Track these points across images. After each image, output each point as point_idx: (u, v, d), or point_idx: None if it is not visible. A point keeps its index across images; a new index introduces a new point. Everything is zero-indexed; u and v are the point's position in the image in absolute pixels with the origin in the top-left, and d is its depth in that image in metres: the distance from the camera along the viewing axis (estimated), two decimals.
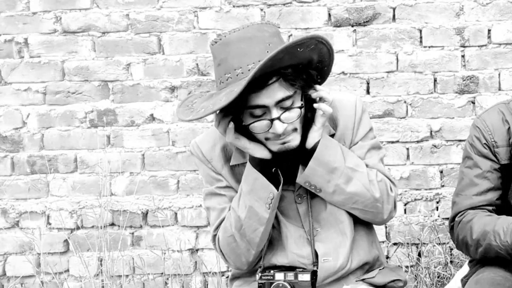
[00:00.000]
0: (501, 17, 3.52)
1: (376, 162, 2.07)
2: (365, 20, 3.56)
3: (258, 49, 1.82)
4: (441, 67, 3.56)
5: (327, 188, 1.97)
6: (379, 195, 2.01)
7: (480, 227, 2.12)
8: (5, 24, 3.65)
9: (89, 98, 3.66)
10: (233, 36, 1.85)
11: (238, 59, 1.83)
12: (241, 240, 2.00)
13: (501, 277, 2.07)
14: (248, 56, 1.82)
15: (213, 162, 2.05)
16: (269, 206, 1.95)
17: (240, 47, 1.83)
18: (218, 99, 1.83)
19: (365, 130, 2.07)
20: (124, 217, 3.63)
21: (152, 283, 3.68)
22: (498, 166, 2.20)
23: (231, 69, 1.84)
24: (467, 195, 2.22)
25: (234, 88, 1.79)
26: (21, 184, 3.69)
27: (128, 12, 3.62)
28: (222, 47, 1.86)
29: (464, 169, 2.27)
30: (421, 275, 3.48)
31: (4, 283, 3.71)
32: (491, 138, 2.21)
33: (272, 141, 1.92)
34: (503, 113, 2.24)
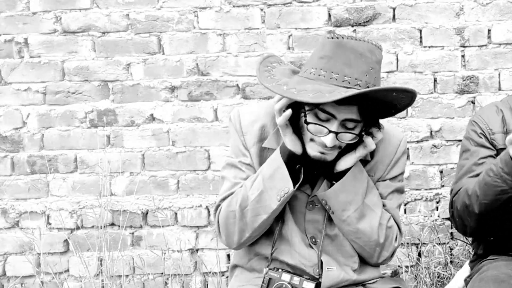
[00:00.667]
0: (501, 17, 3.52)
1: (394, 207, 2.12)
2: (365, 20, 3.56)
3: (360, 69, 1.87)
4: (441, 67, 3.56)
5: (339, 215, 2.01)
6: (383, 240, 2.06)
7: (473, 183, 2.17)
8: (5, 24, 3.65)
9: (89, 98, 3.66)
10: (349, 43, 1.89)
11: (341, 66, 1.87)
12: (240, 219, 2.01)
13: (505, 274, 2.08)
14: (350, 69, 1.87)
15: (247, 136, 2.07)
16: (280, 198, 1.97)
17: (349, 57, 1.88)
18: (303, 88, 1.86)
19: (398, 171, 2.12)
20: (124, 217, 3.63)
21: (152, 283, 3.68)
22: (494, 152, 2.25)
23: (328, 70, 1.88)
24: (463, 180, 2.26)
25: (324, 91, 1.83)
26: (21, 184, 3.69)
27: (128, 12, 3.62)
28: (336, 46, 1.90)
29: (461, 161, 2.32)
30: (421, 275, 3.48)
31: (4, 283, 3.71)
32: (487, 127, 2.28)
33: (315, 145, 1.95)
34: (497, 106, 2.34)
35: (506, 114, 2.31)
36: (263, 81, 1.95)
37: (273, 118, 2.05)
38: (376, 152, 2.06)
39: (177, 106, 3.64)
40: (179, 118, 3.64)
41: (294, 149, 1.96)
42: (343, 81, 1.86)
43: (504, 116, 2.29)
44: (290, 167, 1.96)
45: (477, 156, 2.27)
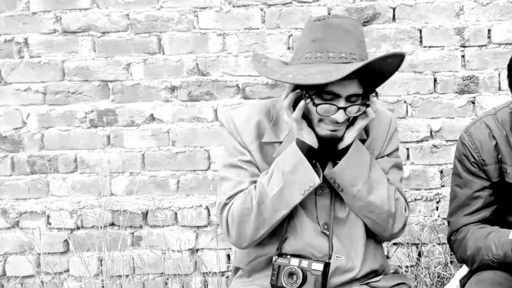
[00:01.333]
0: (501, 17, 3.52)
1: (397, 180, 2.16)
2: (365, 20, 3.56)
3: (352, 43, 1.95)
4: (441, 67, 3.56)
5: (349, 191, 2.03)
6: (394, 210, 2.07)
7: (473, 243, 2.14)
8: (5, 24, 3.65)
9: (89, 98, 3.66)
10: (335, 21, 1.96)
11: (334, 44, 1.94)
12: (257, 216, 2.01)
13: (502, 277, 2.08)
14: (343, 45, 1.94)
15: (243, 135, 2.08)
16: (304, 192, 1.98)
17: (339, 34, 1.94)
18: (309, 73, 1.89)
19: (394, 147, 2.16)
20: (124, 217, 3.63)
21: (152, 283, 3.68)
22: (489, 183, 2.18)
23: (324, 50, 1.94)
24: (460, 216, 2.22)
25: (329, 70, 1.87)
26: (21, 184, 3.69)
27: (128, 12, 3.62)
28: (323, 26, 1.96)
29: (454, 187, 2.25)
30: (421, 275, 3.48)
31: (4, 283, 3.71)
32: (479, 157, 2.18)
33: (325, 125, 1.99)
34: (490, 128, 2.19)
35: (500, 141, 2.18)
36: (268, 74, 1.99)
37: (267, 114, 2.09)
38: (370, 130, 2.13)
39: (177, 106, 3.64)
40: (179, 118, 3.64)
41: (312, 143, 1.99)
42: (340, 57, 1.93)
43: (498, 144, 2.17)
44: (309, 161, 1.99)
45: (471, 188, 2.19)
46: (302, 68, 1.93)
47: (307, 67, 1.93)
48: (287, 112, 1.99)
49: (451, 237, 2.27)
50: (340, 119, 1.95)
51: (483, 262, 2.11)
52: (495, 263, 2.08)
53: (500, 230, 2.12)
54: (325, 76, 1.86)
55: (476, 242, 2.12)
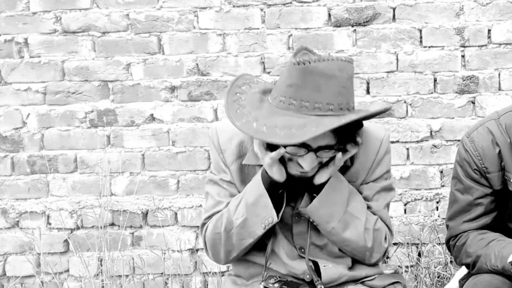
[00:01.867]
0: (501, 17, 3.52)
1: (381, 208, 2.06)
2: (365, 20, 3.56)
3: (332, 91, 1.81)
4: (441, 67, 3.56)
5: (324, 227, 1.99)
6: (370, 244, 2.02)
7: (474, 251, 2.12)
8: (5, 24, 3.65)
9: (89, 98, 3.66)
10: (317, 67, 1.80)
11: (310, 93, 1.80)
12: (226, 241, 2.01)
13: (499, 280, 2.07)
14: (320, 94, 1.80)
15: (225, 153, 2.04)
16: (264, 227, 1.95)
17: (318, 81, 1.80)
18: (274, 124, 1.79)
19: (382, 171, 2.05)
20: (124, 217, 3.63)
21: (152, 283, 3.68)
22: (491, 191, 2.14)
23: (298, 98, 1.81)
24: (459, 221, 2.19)
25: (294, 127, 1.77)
26: (21, 184, 3.69)
27: (128, 12, 3.62)
28: (303, 73, 1.81)
29: (454, 191, 2.21)
30: (421, 275, 3.48)
31: (4, 283, 3.71)
32: (482, 164, 2.13)
33: (295, 166, 1.91)
34: (493, 134, 2.12)
35: (503, 148, 2.11)
36: (233, 118, 1.86)
37: None
38: (356, 157, 2.01)
39: (177, 106, 3.64)
40: (179, 118, 3.64)
41: (278, 178, 1.92)
42: (314, 108, 1.80)
43: (501, 151, 2.11)
44: (273, 193, 1.94)
45: (472, 194, 2.15)
46: (272, 114, 1.82)
47: (277, 114, 1.82)
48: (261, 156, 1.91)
49: (450, 241, 2.25)
50: (307, 167, 1.86)
51: (481, 270, 2.10)
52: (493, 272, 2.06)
53: (502, 239, 2.09)
54: (286, 135, 1.76)
55: (476, 250, 2.11)
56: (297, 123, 1.78)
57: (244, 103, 1.90)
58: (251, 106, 1.89)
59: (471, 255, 2.12)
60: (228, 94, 1.92)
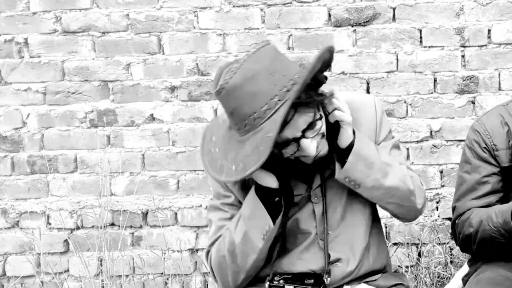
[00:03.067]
0: (501, 17, 3.52)
1: (402, 160, 2.08)
2: (365, 20, 3.56)
3: (264, 88, 1.73)
4: (441, 67, 3.56)
5: (366, 183, 1.94)
6: (413, 187, 2.01)
7: (477, 219, 2.15)
8: (5, 24, 3.65)
9: (89, 98, 3.66)
10: (234, 81, 1.73)
11: (249, 105, 1.73)
12: (232, 262, 1.97)
13: (502, 276, 2.08)
14: (258, 99, 1.72)
15: None
16: (263, 236, 1.92)
17: (246, 92, 1.72)
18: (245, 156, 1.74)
19: (386, 130, 2.07)
20: (124, 217, 3.63)
21: (152, 283, 3.68)
22: (498, 169, 2.20)
23: (246, 117, 1.74)
24: (467, 200, 2.23)
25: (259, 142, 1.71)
26: (21, 184, 3.69)
27: (128, 12, 3.62)
28: (229, 96, 1.75)
29: (462, 173, 2.26)
30: (421, 275, 3.48)
31: (4, 283, 3.71)
32: (491, 142, 2.20)
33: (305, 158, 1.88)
34: (502, 116, 2.23)
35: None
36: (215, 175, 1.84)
37: None
38: (359, 122, 1.99)
39: (177, 106, 3.64)
40: (179, 118, 3.64)
41: (267, 184, 1.89)
42: (265, 112, 1.72)
43: (510, 130, 2.20)
44: (269, 201, 1.90)
45: (480, 173, 2.20)
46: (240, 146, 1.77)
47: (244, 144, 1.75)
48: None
49: (456, 221, 2.27)
50: (312, 152, 1.82)
51: (484, 234, 2.10)
52: (495, 233, 2.07)
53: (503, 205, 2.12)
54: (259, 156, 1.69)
55: (479, 217, 2.13)
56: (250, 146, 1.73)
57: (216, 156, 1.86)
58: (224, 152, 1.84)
59: (474, 224, 2.15)
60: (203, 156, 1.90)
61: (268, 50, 1.78)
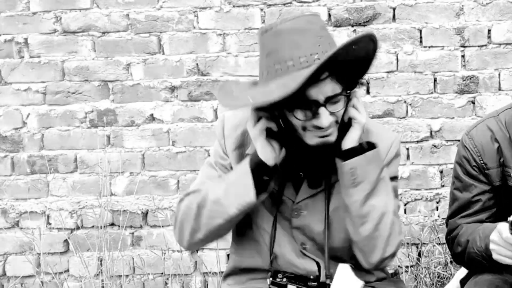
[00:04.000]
0: (501, 17, 3.52)
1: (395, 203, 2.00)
2: (365, 20, 3.56)
3: (309, 42, 1.78)
4: (441, 67, 3.56)
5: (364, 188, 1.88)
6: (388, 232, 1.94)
7: (464, 237, 2.13)
8: (5, 24, 3.65)
9: (89, 98, 3.66)
10: (284, 27, 1.79)
11: (290, 51, 1.78)
12: (196, 218, 1.92)
13: (500, 279, 2.07)
14: (300, 49, 1.78)
15: (228, 140, 2.01)
16: (239, 207, 1.87)
17: (292, 39, 1.78)
18: (269, 90, 1.77)
19: (390, 173, 2.00)
20: (124, 217, 3.63)
21: (152, 283, 3.68)
22: (489, 187, 2.14)
23: (281, 61, 1.79)
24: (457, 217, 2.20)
25: (287, 81, 1.74)
26: (21, 184, 3.69)
27: (128, 12, 3.62)
28: (273, 37, 1.80)
29: (454, 190, 2.22)
30: (421, 275, 3.48)
31: (4, 283, 3.71)
32: (480, 160, 2.14)
33: (312, 132, 1.85)
34: (492, 130, 2.15)
35: (502, 144, 2.13)
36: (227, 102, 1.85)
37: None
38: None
39: (177, 106, 3.64)
40: (179, 118, 3.64)
41: (265, 159, 1.85)
42: (301, 63, 1.77)
43: (501, 146, 2.12)
44: (257, 176, 1.85)
45: (471, 192, 2.15)
46: (264, 86, 1.81)
47: (269, 83, 1.79)
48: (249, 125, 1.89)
49: (447, 237, 2.27)
50: (325, 123, 1.81)
51: (470, 256, 2.09)
52: (478, 257, 2.05)
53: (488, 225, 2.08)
54: (282, 90, 1.72)
55: (466, 237, 2.11)
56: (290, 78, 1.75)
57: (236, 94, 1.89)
58: (242, 92, 1.88)
59: (461, 243, 2.13)
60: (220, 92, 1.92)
61: (319, 20, 1.86)
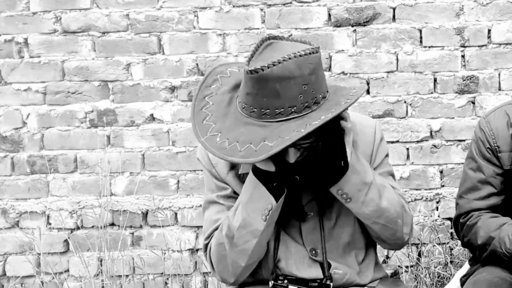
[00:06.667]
0: (501, 17, 3.52)
1: (396, 185, 2.06)
2: (365, 20, 3.56)
3: (291, 93, 1.73)
4: (441, 67, 3.56)
5: (358, 198, 1.90)
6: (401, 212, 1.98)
7: (486, 233, 2.13)
8: (5, 24, 3.65)
9: (89, 98, 3.66)
10: (271, 73, 1.72)
11: (268, 100, 1.74)
12: (231, 250, 1.92)
13: (499, 278, 2.08)
14: (279, 100, 1.74)
15: (218, 167, 1.99)
16: (265, 218, 1.86)
17: (274, 88, 1.73)
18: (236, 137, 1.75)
19: (382, 157, 2.05)
20: (124, 217, 3.63)
21: (152, 283, 3.68)
22: (501, 171, 2.19)
23: (257, 106, 1.76)
24: (469, 199, 2.23)
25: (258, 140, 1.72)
26: (21, 184, 3.69)
27: (128, 12, 3.62)
28: (257, 81, 1.75)
29: (467, 169, 2.26)
30: (421, 275, 3.48)
31: (4, 283, 3.71)
32: (494, 143, 2.19)
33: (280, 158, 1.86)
34: (509, 116, 2.21)
35: None
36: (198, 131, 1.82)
37: None
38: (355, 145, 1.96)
39: (177, 106, 3.64)
40: (179, 118, 3.64)
41: (266, 168, 1.85)
42: (276, 114, 1.74)
43: None
44: (267, 185, 1.86)
45: (484, 172, 2.20)
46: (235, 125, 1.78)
47: (240, 124, 1.78)
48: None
49: (459, 219, 2.26)
50: (291, 160, 1.83)
51: (494, 253, 2.11)
52: (506, 257, 2.07)
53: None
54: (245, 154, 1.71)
55: (489, 232, 2.12)
56: (257, 137, 1.73)
57: (211, 109, 1.86)
58: (217, 113, 1.84)
59: (483, 237, 2.14)
60: (195, 100, 1.88)
61: (314, 60, 1.77)
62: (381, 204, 1.93)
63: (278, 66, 1.73)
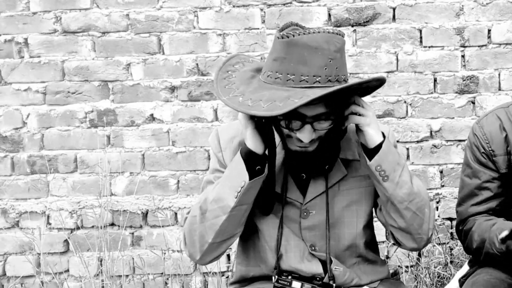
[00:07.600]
0: (501, 17, 3.52)
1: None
2: (365, 20, 3.56)
3: (317, 64, 1.78)
4: (441, 67, 3.56)
5: (394, 177, 1.89)
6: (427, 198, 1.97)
7: (479, 236, 2.15)
8: (5, 24, 3.65)
9: (89, 98, 3.66)
10: (301, 40, 1.78)
11: (295, 65, 1.78)
12: (201, 223, 1.93)
13: (497, 279, 2.08)
14: (305, 67, 1.78)
15: (225, 152, 2.02)
16: (237, 194, 1.87)
17: (302, 54, 1.78)
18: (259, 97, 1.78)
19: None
20: (124, 217, 3.63)
21: (152, 283, 3.68)
22: (497, 175, 2.21)
23: (283, 71, 1.80)
24: (468, 205, 2.24)
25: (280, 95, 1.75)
26: (21, 184, 3.69)
27: (128, 12, 3.62)
28: (286, 46, 1.80)
29: (463, 177, 2.27)
30: (421, 275, 3.48)
31: (4, 283, 3.71)
32: (489, 147, 2.21)
33: (293, 140, 1.89)
34: (501, 120, 2.23)
35: (510, 133, 2.21)
36: (220, 92, 1.86)
37: None
38: None
39: (177, 106, 3.64)
40: (179, 118, 3.64)
41: (254, 147, 1.87)
42: (300, 81, 1.78)
43: (508, 136, 2.20)
44: (249, 166, 1.86)
45: (480, 178, 2.22)
46: (258, 89, 1.82)
47: (263, 89, 1.81)
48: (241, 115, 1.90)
49: (459, 227, 2.28)
50: (305, 139, 1.85)
51: (488, 255, 2.12)
52: (498, 258, 2.09)
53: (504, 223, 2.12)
54: (269, 107, 1.74)
55: (481, 235, 2.14)
56: (282, 96, 1.76)
57: (233, 80, 1.90)
58: (240, 82, 1.89)
59: (477, 241, 2.16)
60: (219, 71, 1.92)
61: (340, 40, 1.83)
62: (413, 188, 1.93)
63: (308, 35, 1.79)
